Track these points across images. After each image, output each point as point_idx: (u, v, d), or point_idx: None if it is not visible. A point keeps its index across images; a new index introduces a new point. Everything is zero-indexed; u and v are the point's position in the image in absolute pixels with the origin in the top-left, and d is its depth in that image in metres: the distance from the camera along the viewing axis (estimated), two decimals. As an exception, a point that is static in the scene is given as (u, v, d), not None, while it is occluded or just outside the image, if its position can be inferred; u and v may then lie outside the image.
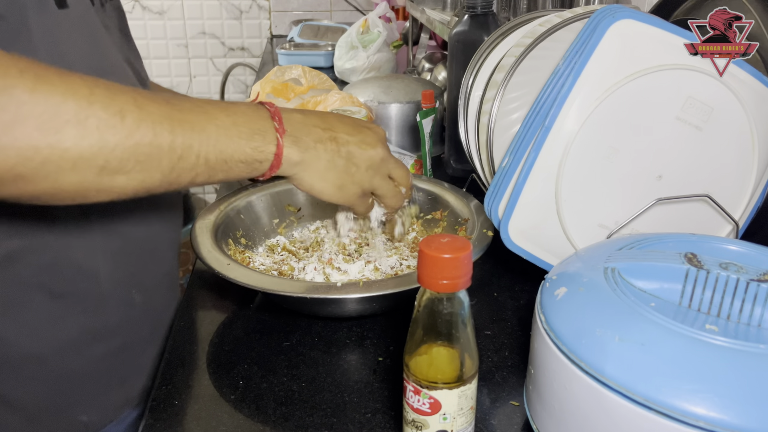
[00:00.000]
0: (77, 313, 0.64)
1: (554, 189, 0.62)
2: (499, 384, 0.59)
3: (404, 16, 2.23)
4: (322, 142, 0.58)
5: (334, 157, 0.59)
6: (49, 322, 0.63)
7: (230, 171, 0.53)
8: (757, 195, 0.67)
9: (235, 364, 0.62)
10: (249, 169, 0.54)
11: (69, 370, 0.66)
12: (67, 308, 0.64)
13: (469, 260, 0.40)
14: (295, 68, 1.33)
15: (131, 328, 0.70)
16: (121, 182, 0.47)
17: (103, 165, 0.45)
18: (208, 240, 0.69)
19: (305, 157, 0.57)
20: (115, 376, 0.70)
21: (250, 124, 0.54)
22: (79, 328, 0.65)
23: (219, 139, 0.51)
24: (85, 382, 0.67)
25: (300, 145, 0.56)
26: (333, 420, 0.54)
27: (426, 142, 0.97)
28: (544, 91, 0.62)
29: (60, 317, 0.63)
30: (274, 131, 0.55)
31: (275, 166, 0.55)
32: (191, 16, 2.76)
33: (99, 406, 0.69)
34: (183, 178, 0.50)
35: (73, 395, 0.67)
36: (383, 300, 0.63)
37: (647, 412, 0.39)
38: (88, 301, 0.65)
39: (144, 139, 0.46)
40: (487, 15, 0.96)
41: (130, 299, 0.69)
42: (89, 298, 0.65)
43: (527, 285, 0.75)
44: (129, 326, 0.70)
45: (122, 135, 0.45)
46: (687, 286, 0.45)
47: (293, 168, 0.57)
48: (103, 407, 0.70)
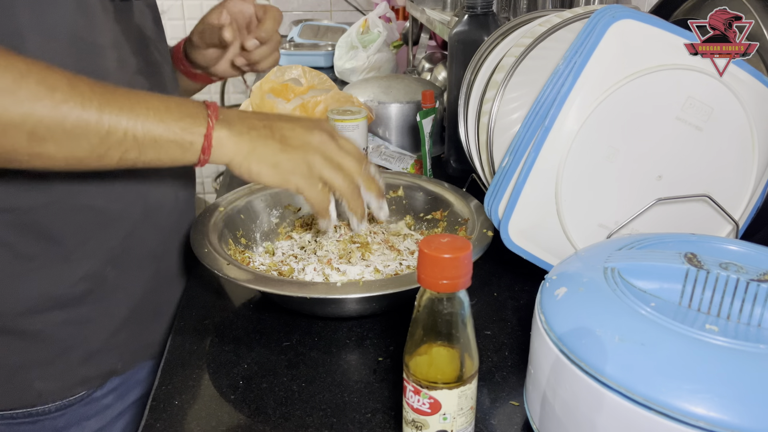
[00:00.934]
0: (39, 276, 0.66)
1: (554, 189, 0.62)
2: (499, 384, 0.59)
3: (404, 16, 2.23)
4: (255, 128, 0.60)
5: (267, 139, 0.60)
6: (10, 280, 0.65)
7: (161, 150, 0.56)
8: (757, 195, 0.67)
9: (235, 364, 0.62)
10: (181, 150, 0.56)
11: (24, 330, 0.66)
12: (30, 269, 0.65)
13: (469, 260, 0.40)
14: (295, 68, 1.33)
15: (101, 302, 0.70)
16: (51, 150, 0.52)
17: (31, 131, 0.50)
18: (207, 240, 0.69)
19: (238, 141, 0.59)
20: (77, 348, 0.70)
21: (183, 109, 0.57)
22: (40, 291, 0.66)
23: (148, 119, 0.54)
24: (40, 346, 0.68)
25: (232, 129, 0.59)
26: (333, 420, 0.54)
27: (426, 142, 0.97)
28: (544, 91, 0.62)
29: (19, 276, 0.65)
30: (206, 116, 0.58)
31: (207, 148, 0.57)
32: (191, 16, 2.76)
33: (56, 376, 0.69)
34: (113, 152, 0.54)
35: (27, 356, 0.67)
36: (383, 300, 0.63)
37: (647, 412, 0.39)
38: (51, 267, 0.66)
39: (71, 112, 0.51)
40: (487, 15, 0.96)
41: (100, 273, 0.70)
42: (53, 264, 0.66)
43: (527, 285, 0.75)
44: (98, 300, 0.70)
45: (50, 106, 0.50)
46: (687, 286, 0.45)
47: (228, 154, 0.59)
48: (60, 378, 0.70)
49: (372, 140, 1.20)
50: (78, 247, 0.67)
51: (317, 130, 0.63)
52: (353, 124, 0.96)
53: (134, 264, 0.73)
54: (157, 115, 0.55)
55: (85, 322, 0.70)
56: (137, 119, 0.54)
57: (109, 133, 0.53)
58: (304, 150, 0.61)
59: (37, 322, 0.67)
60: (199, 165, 0.59)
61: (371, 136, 1.23)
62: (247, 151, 0.59)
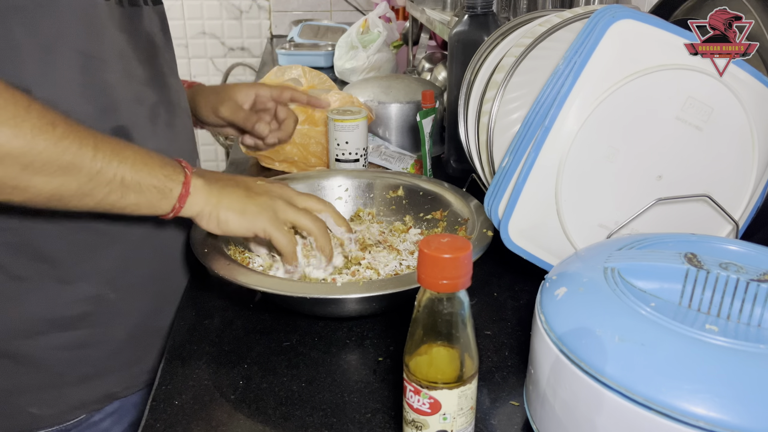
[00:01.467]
0: (34, 298, 0.65)
1: (554, 189, 0.62)
2: (499, 384, 0.59)
3: (404, 16, 2.23)
4: (222, 180, 0.64)
5: (234, 188, 0.64)
6: (3, 302, 0.64)
7: (142, 195, 0.57)
8: (757, 195, 0.67)
9: (235, 364, 0.62)
10: (160, 196, 0.59)
11: (17, 354, 0.66)
12: (23, 291, 0.65)
13: (469, 260, 0.40)
14: (295, 68, 1.33)
15: (99, 325, 0.70)
16: (39, 184, 0.52)
17: (28, 163, 0.51)
18: (207, 240, 0.69)
19: (209, 190, 0.62)
20: (72, 372, 0.69)
21: (163, 160, 0.60)
22: (34, 314, 0.66)
23: (135, 163, 0.57)
24: (34, 371, 0.67)
25: (205, 178, 0.62)
26: (333, 420, 0.54)
27: (426, 142, 0.97)
28: (544, 91, 0.62)
29: (14, 299, 0.65)
30: (182, 168, 0.61)
31: (183, 196, 0.60)
32: (191, 16, 2.76)
33: (51, 401, 0.69)
34: (97, 192, 0.55)
35: (20, 380, 0.67)
36: (383, 300, 0.63)
37: (647, 412, 0.39)
38: (46, 289, 0.65)
39: (70, 148, 0.52)
40: (487, 15, 0.96)
41: (100, 296, 0.69)
42: (48, 286, 0.66)
43: (527, 285, 0.75)
44: (95, 323, 0.69)
45: (51, 141, 0.51)
46: (687, 286, 0.45)
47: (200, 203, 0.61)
48: (55, 403, 0.69)
49: (372, 140, 1.20)
50: (75, 268, 0.67)
51: (278, 184, 0.68)
52: (353, 124, 0.96)
53: (134, 286, 0.72)
54: (142, 160, 0.57)
55: (82, 346, 0.69)
56: (125, 162, 0.56)
57: (100, 173, 0.54)
58: (269, 195, 0.65)
59: (31, 345, 0.66)
60: (170, 215, 0.60)
61: (371, 136, 1.23)
62: (216, 200, 0.62)
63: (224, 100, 0.86)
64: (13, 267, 0.64)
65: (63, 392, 0.69)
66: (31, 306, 0.65)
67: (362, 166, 0.99)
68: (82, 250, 0.67)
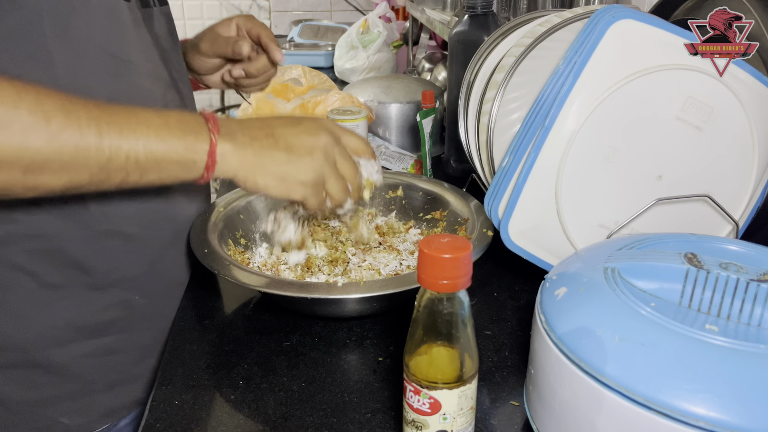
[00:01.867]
0: (65, 305, 0.64)
1: (554, 189, 0.62)
2: (499, 384, 0.59)
3: (404, 16, 2.23)
4: (258, 138, 0.58)
5: (273, 150, 0.58)
6: (34, 311, 0.63)
7: (163, 171, 0.53)
8: (757, 195, 0.67)
9: (235, 364, 0.62)
10: (184, 169, 0.54)
11: (49, 363, 0.65)
12: (55, 299, 0.64)
13: (469, 260, 0.40)
14: (295, 68, 1.34)
15: (126, 331, 0.69)
16: (47, 180, 0.49)
17: (27, 165, 0.47)
18: (207, 240, 0.69)
19: (243, 155, 0.56)
20: (102, 378, 0.69)
21: (183, 125, 0.54)
22: (65, 322, 0.65)
23: (149, 139, 0.51)
24: (66, 380, 0.66)
25: (235, 141, 0.56)
26: (333, 420, 0.54)
27: (426, 142, 0.97)
28: (544, 91, 0.62)
29: (46, 307, 0.63)
30: (208, 131, 0.55)
31: (210, 166, 0.55)
32: (191, 16, 2.76)
33: (81, 410, 0.68)
34: (114, 177, 0.51)
35: (52, 391, 0.66)
36: (383, 300, 0.63)
37: (647, 412, 0.39)
38: (77, 296, 0.65)
39: (69, 142, 0.48)
40: (487, 15, 0.96)
41: (129, 301, 0.68)
42: (79, 293, 0.65)
43: (527, 285, 0.75)
44: (124, 329, 0.69)
45: (47, 138, 0.47)
46: (687, 286, 0.45)
47: (233, 168, 0.56)
48: (86, 412, 0.68)
49: (372, 140, 1.21)
50: (107, 274, 0.66)
51: (321, 133, 0.60)
52: (353, 124, 0.96)
53: (162, 290, 0.72)
54: (158, 134, 0.52)
55: (111, 352, 0.68)
56: (138, 141, 0.51)
57: (110, 159, 0.50)
58: (311, 157, 0.59)
59: (61, 354, 0.65)
60: (202, 181, 0.56)
61: (371, 136, 1.23)
62: (252, 164, 0.56)
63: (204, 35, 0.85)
64: (46, 275, 0.62)
65: (93, 400, 0.68)
66: (62, 313, 0.64)
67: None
68: (114, 256, 0.66)
